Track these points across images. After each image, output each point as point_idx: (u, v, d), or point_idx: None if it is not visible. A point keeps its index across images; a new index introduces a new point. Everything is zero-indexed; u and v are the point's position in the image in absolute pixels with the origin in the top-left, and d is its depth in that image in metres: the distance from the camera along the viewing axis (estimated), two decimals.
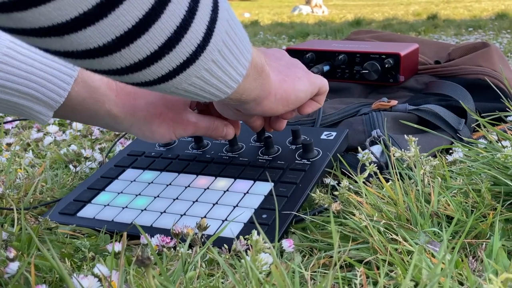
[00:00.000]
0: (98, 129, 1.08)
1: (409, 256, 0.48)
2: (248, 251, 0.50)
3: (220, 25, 0.41)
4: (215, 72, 0.44)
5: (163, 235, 0.53)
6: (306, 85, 0.60)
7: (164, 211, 0.62)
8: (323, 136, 0.73)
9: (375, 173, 0.62)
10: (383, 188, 0.60)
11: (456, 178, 0.63)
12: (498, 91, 0.82)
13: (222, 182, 0.67)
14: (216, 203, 0.63)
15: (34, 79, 0.54)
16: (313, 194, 0.61)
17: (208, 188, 0.66)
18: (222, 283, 0.46)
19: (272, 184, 0.65)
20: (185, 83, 0.43)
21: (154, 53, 0.38)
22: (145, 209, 0.63)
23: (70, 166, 0.82)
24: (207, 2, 0.39)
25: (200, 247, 0.52)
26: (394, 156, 0.64)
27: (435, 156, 0.74)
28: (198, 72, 0.42)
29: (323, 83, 0.63)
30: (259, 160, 0.70)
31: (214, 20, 0.40)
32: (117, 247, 0.51)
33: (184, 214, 0.61)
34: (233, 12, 0.44)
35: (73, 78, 0.55)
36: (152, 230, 0.58)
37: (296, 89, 0.59)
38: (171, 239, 0.53)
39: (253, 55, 0.49)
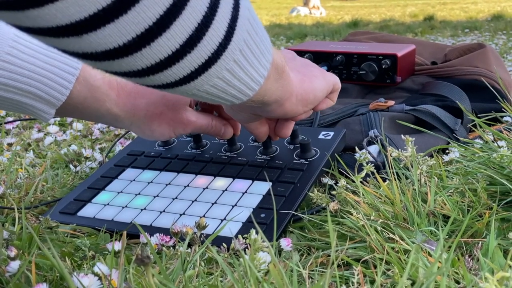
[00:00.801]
0: (98, 129, 1.08)
1: (406, 255, 0.48)
2: (246, 250, 0.50)
3: (242, 23, 0.40)
4: (236, 73, 0.42)
5: (162, 234, 0.54)
6: (322, 84, 0.60)
7: (164, 211, 0.63)
8: (320, 136, 0.74)
9: (372, 173, 0.63)
10: (380, 188, 0.61)
11: (453, 178, 0.64)
12: (494, 92, 0.82)
13: (221, 182, 0.67)
14: (215, 202, 0.63)
15: (37, 78, 0.54)
16: (311, 194, 0.61)
17: (207, 187, 0.66)
18: (221, 281, 0.47)
19: (271, 183, 0.65)
20: (207, 84, 0.42)
21: (175, 52, 0.37)
22: (144, 209, 0.63)
23: (71, 165, 0.82)
24: None
25: (199, 246, 0.53)
26: (391, 156, 0.64)
27: (431, 156, 0.74)
28: (220, 72, 0.41)
29: (336, 81, 0.63)
30: (258, 160, 0.70)
31: (236, 18, 0.39)
32: (117, 246, 0.51)
33: (183, 213, 0.62)
34: (253, 11, 0.42)
35: (75, 76, 0.56)
36: (151, 229, 0.58)
37: (314, 88, 0.58)
38: (171, 238, 0.53)
39: (274, 55, 0.47)
